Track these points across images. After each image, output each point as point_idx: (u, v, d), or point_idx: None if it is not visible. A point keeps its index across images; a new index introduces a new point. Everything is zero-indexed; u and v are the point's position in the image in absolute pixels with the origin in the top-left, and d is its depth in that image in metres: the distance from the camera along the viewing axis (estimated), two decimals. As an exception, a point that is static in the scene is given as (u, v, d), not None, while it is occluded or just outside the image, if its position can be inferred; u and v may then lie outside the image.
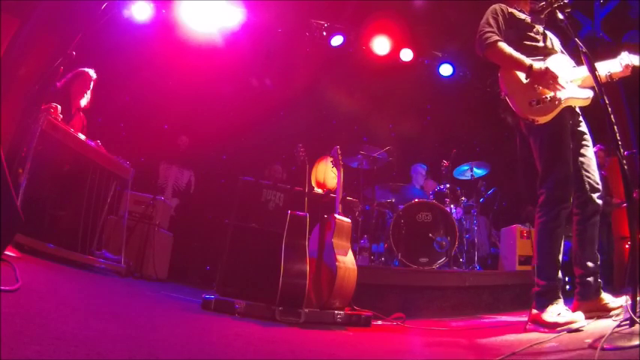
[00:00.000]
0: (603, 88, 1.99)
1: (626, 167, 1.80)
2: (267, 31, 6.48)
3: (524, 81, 2.44)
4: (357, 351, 2.02)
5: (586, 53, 2.06)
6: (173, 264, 5.15)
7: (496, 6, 2.64)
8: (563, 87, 2.37)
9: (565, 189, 2.36)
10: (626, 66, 2.39)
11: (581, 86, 2.49)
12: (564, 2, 2.28)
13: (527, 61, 2.43)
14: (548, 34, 2.65)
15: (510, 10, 2.65)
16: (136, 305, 2.47)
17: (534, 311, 2.31)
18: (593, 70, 2.04)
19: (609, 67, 2.41)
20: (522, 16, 2.64)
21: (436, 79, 7.05)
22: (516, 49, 2.49)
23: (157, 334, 1.67)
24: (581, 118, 2.58)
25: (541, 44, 2.58)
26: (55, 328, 1.33)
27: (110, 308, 2.00)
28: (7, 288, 1.60)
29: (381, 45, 6.61)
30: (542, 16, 2.49)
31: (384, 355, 1.97)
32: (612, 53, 2.43)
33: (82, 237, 3.54)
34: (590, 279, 2.39)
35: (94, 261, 3.59)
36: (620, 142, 1.83)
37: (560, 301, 2.26)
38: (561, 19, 2.24)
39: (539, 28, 2.62)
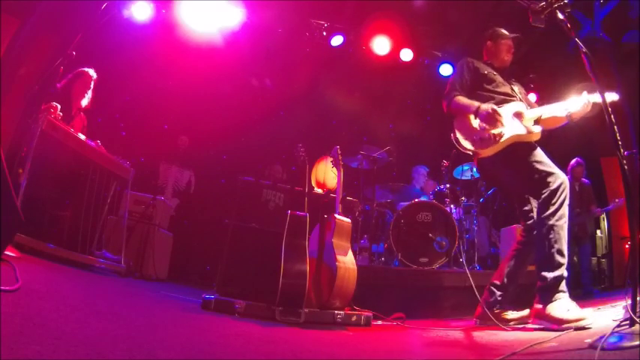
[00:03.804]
0: (602, 87, 1.99)
1: (626, 167, 1.80)
2: (267, 31, 6.48)
3: (474, 121, 2.67)
4: (357, 351, 2.02)
5: (586, 53, 2.06)
6: (173, 264, 5.15)
7: (463, 61, 2.93)
8: (503, 125, 2.61)
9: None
10: (586, 104, 2.51)
11: (544, 123, 2.69)
12: (564, 2, 2.28)
13: (476, 103, 2.70)
14: (514, 85, 2.89)
15: (477, 65, 2.90)
16: (136, 305, 2.47)
17: (538, 306, 2.31)
18: (593, 69, 2.04)
19: (568, 107, 2.58)
20: (486, 71, 2.88)
21: (436, 79, 7.03)
22: (475, 97, 2.77)
23: (156, 334, 1.67)
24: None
25: (499, 93, 2.79)
26: (55, 328, 1.33)
27: (110, 308, 2.00)
28: (7, 288, 1.60)
29: (381, 45, 6.60)
30: (542, 16, 2.49)
31: (384, 355, 1.97)
32: (612, 53, 2.43)
33: (82, 237, 3.54)
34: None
35: (94, 261, 3.59)
36: (620, 142, 1.83)
37: (566, 295, 2.26)
38: (561, 19, 2.24)
39: (502, 81, 2.85)
